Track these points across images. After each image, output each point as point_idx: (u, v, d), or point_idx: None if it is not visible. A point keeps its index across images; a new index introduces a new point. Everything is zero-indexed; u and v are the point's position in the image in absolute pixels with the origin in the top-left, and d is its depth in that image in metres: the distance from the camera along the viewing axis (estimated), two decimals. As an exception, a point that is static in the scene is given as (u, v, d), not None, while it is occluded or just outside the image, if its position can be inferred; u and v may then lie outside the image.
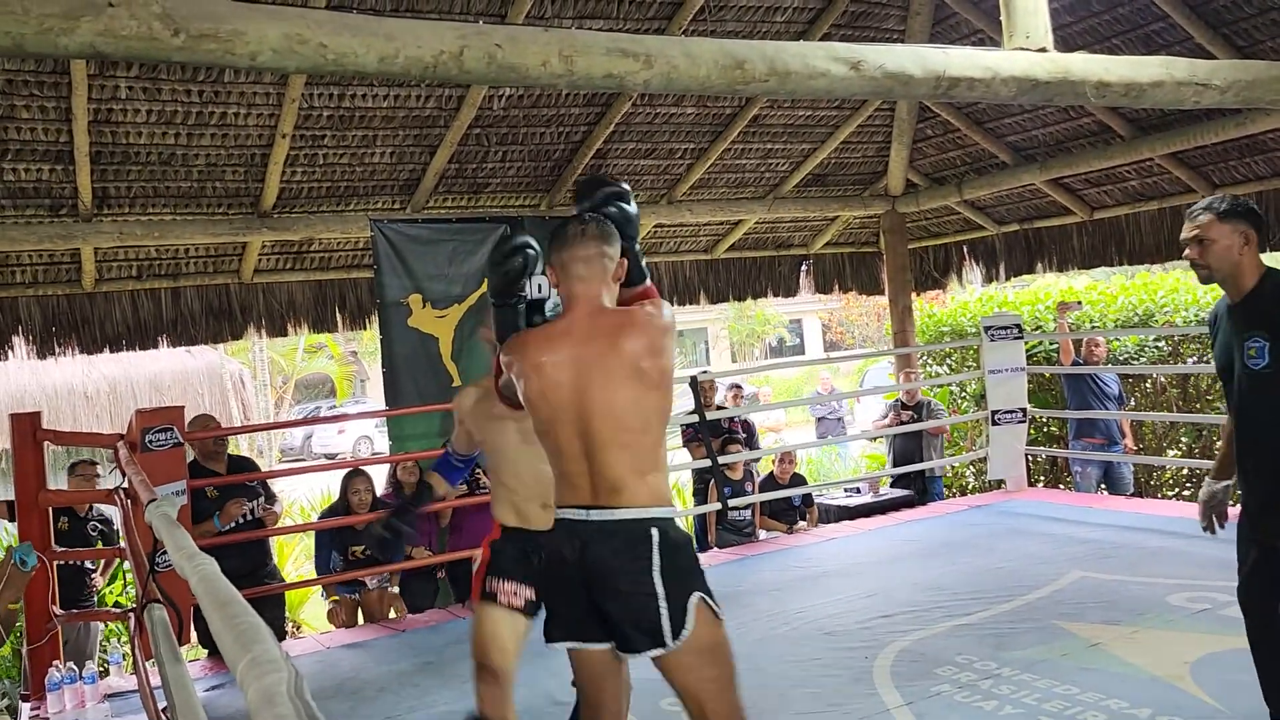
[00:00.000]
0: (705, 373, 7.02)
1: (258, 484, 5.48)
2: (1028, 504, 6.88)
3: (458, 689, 4.19)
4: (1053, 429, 8.38)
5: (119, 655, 4.97)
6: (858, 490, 8.19)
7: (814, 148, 7.38)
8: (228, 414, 10.99)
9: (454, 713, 3.95)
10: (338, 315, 6.96)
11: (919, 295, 9.43)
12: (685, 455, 7.23)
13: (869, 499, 7.74)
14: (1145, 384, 8.10)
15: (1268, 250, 2.90)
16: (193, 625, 4.59)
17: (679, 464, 6.80)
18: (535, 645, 4.28)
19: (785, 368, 20.73)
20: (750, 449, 7.09)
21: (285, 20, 2.63)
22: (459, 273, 6.33)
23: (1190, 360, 7.67)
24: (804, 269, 8.83)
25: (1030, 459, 7.92)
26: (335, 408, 21.74)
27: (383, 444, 16.37)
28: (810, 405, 13.00)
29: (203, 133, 5.47)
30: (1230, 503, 3.04)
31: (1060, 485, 8.31)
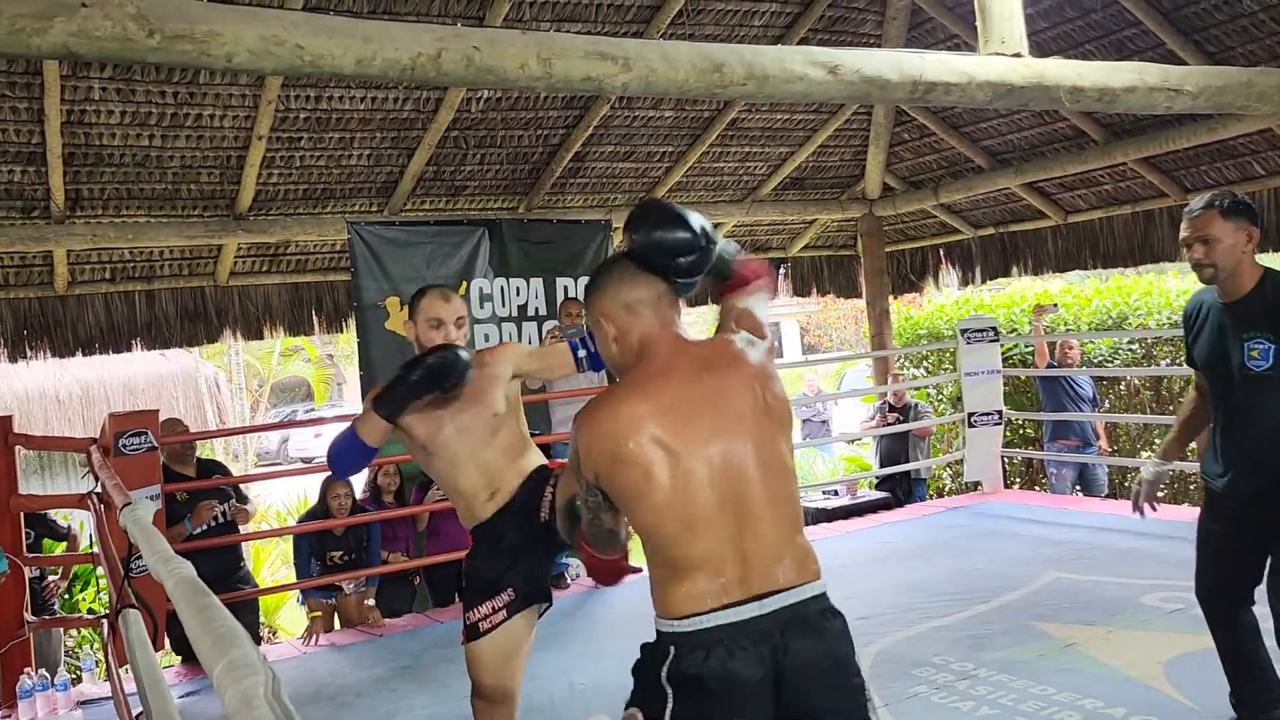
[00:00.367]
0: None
1: (228, 485, 5.46)
2: (1004, 505, 6.93)
3: (436, 693, 4.18)
4: (1028, 431, 8.45)
5: (92, 662, 4.91)
6: (836, 493, 8.23)
7: (792, 151, 7.41)
8: (203, 418, 10.90)
9: (433, 717, 3.94)
10: (314, 318, 6.92)
11: (896, 298, 9.49)
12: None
13: (847, 501, 7.77)
14: (1119, 386, 8.18)
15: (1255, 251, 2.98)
16: (166, 632, 4.55)
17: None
18: (552, 630, 4.29)
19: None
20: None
21: (261, 21, 2.62)
22: (437, 275, 6.29)
23: (1164, 362, 7.75)
24: (782, 272, 8.87)
25: (1006, 461, 7.97)
26: (312, 411, 21.60)
27: (360, 448, 16.23)
28: (796, 407, 13.03)
29: (178, 134, 5.43)
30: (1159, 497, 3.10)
31: (1036, 487, 8.38)
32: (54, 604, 5.67)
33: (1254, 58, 5.35)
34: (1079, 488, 7.41)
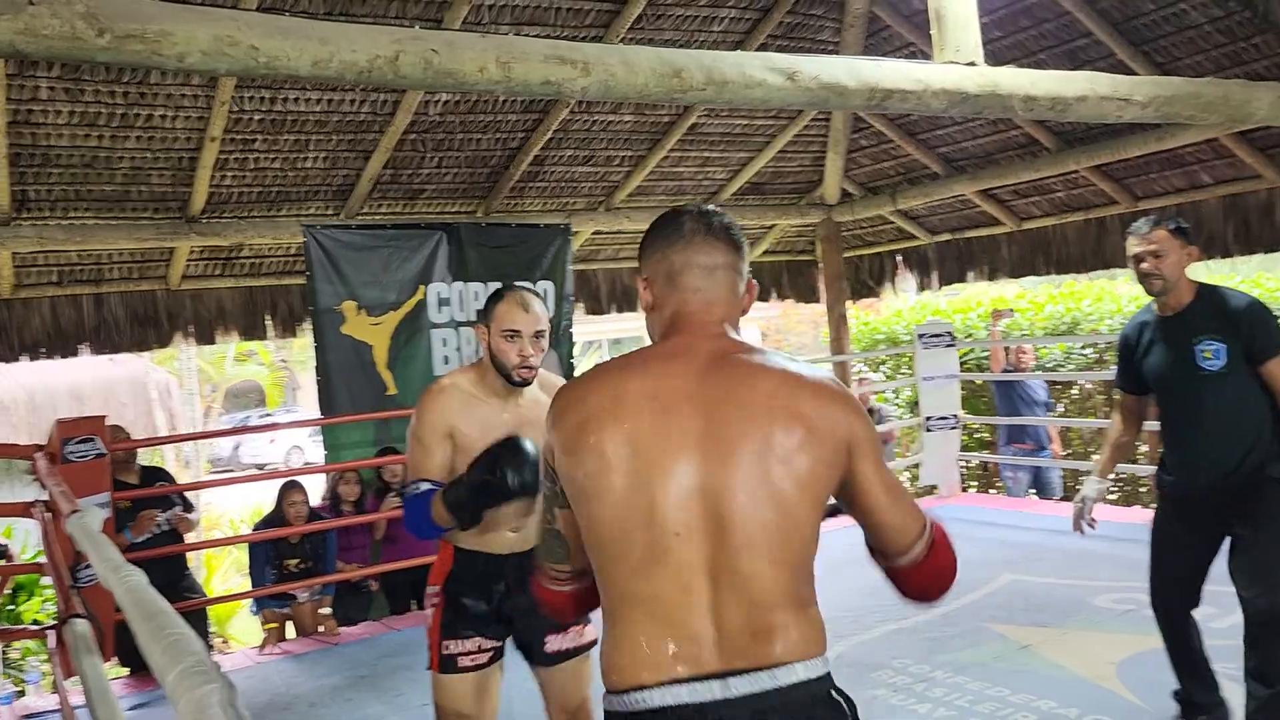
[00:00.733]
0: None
1: (172, 494, 5.37)
2: (961, 509, 7.00)
3: (390, 702, 4.13)
4: (984, 435, 8.55)
5: (37, 674, 4.79)
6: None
7: (751, 156, 7.44)
8: (153, 424, 10.71)
9: (389, 726, 3.90)
10: (269, 322, 6.82)
11: (854, 303, 9.56)
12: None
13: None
14: (1072, 390, 8.31)
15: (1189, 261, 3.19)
16: (114, 643, 4.46)
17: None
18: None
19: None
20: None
21: (215, 21, 2.57)
22: (394, 279, 6.25)
23: (1115, 367, 7.88)
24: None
25: (963, 464, 8.07)
26: (266, 416, 21.31)
27: (315, 454, 16.08)
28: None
29: (127, 135, 5.33)
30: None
31: (992, 490, 8.49)
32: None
33: (1200, 69, 5.46)
34: (1034, 490, 7.52)
